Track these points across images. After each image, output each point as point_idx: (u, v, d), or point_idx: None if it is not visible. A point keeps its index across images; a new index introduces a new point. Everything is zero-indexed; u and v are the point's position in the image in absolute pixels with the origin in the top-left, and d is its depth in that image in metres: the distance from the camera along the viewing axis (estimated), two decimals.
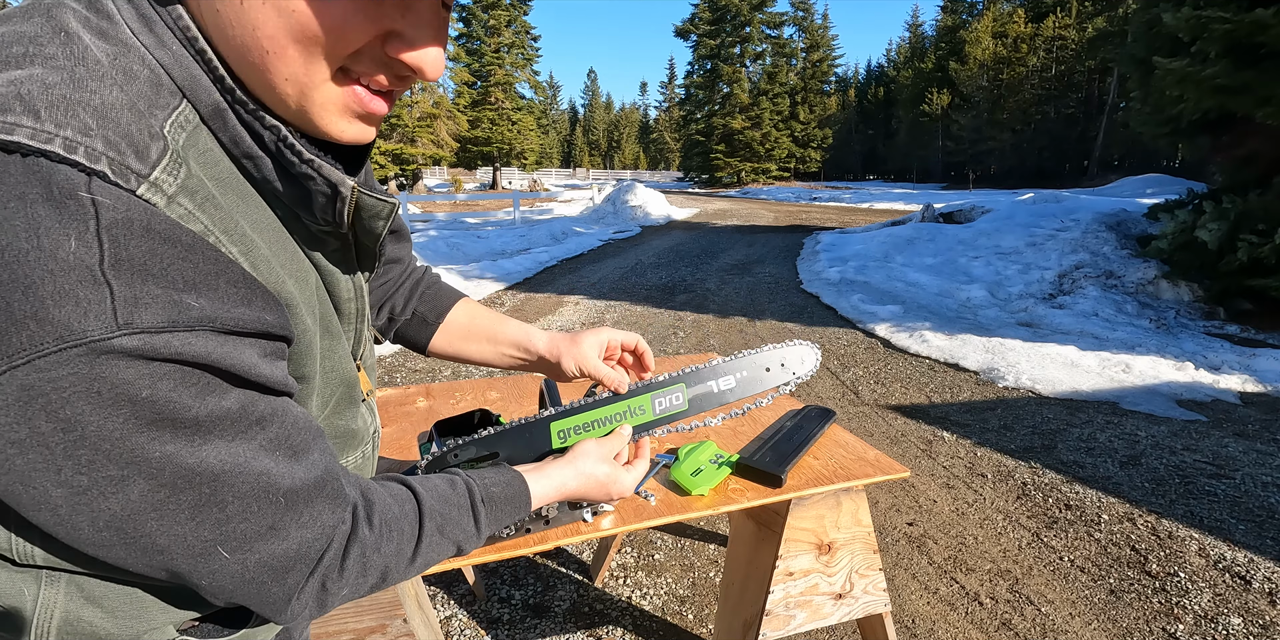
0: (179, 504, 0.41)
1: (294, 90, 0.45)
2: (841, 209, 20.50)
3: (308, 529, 0.48)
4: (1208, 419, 3.62)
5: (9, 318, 0.34)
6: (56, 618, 0.48)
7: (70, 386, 0.36)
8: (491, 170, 33.48)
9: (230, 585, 0.46)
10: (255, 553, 0.46)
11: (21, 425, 0.36)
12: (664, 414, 0.91)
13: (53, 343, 0.35)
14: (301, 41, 0.43)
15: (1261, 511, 2.65)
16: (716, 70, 40.32)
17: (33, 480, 0.38)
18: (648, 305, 6.67)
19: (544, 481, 0.75)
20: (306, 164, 0.47)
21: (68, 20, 0.40)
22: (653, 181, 53.90)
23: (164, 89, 0.42)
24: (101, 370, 0.36)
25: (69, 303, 0.35)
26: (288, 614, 0.50)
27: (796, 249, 10.75)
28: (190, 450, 0.41)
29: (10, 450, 0.36)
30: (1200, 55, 5.74)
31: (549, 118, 73.62)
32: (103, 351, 0.36)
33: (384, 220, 0.58)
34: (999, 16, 36.93)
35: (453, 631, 1.98)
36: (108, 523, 0.40)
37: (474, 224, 14.41)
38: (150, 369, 0.37)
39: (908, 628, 2.02)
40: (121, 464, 0.38)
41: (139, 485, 0.39)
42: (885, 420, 3.67)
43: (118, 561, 0.43)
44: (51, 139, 0.35)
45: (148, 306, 0.37)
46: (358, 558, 0.52)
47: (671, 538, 2.52)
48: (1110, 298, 6.10)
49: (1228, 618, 2.04)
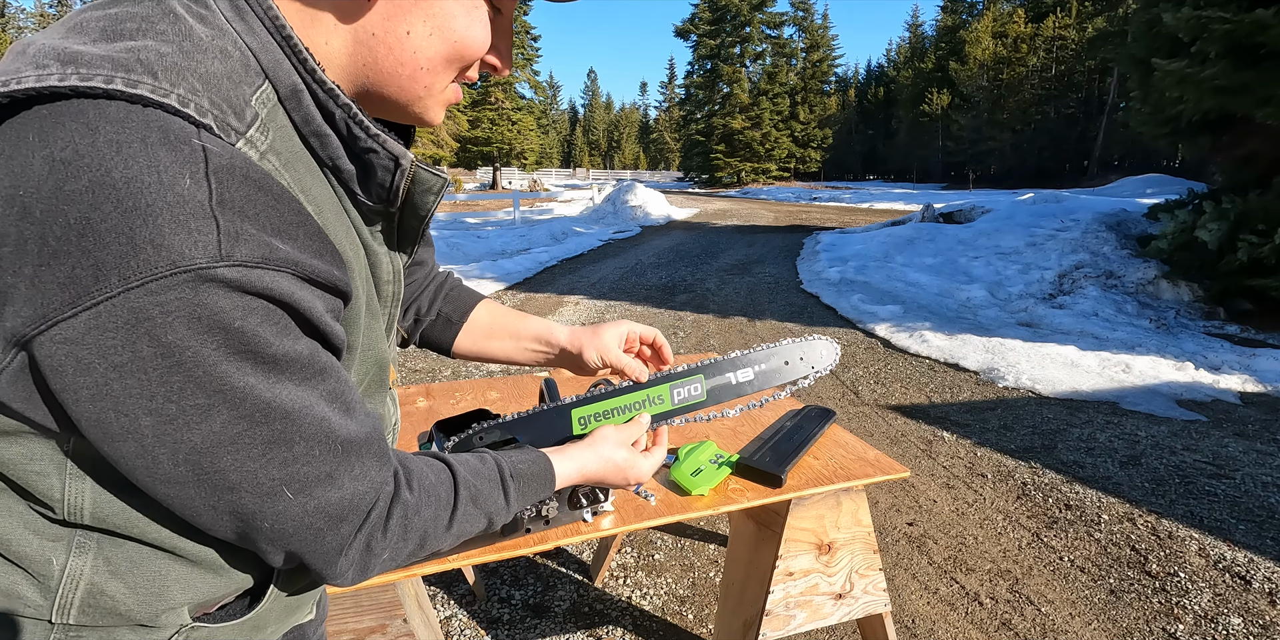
0: (253, 439, 0.44)
1: (424, 92, 0.56)
2: (841, 209, 20.50)
3: (359, 482, 0.51)
4: (1208, 419, 3.62)
5: (130, 241, 0.37)
6: (81, 590, 0.50)
7: (175, 311, 0.39)
8: (491, 170, 33.47)
9: (291, 528, 0.48)
10: (314, 498, 0.48)
11: (125, 349, 0.39)
12: (682, 404, 0.92)
13: (165, 267, 0.38)
14: (452, 60, 0.55)
15: (1261, 511, 2.65)
16: (716, 70, 40.32)
17: (126, 406, 0.40)
18: (648, 305, 6.67)
19: (567, 462, 0.78)
20: (373, 138, 0.52)
21: (174, 5, 0.46)
22: (653, 181, 53.90)
23: (251, 69, 0.47)
24: (203, 297, 0.39)
25: (183, 232, 0.38)
26: (337, 568, 0.52)
27: (796, 249, 10.75)
28: (267, 385, 0.44)
29: (110, 374, 0.39)
30: (1200, 55, 5.74)
31: (549, 118, 73.61)
32: (207, 279, 0.39)
33: (435, 195, 0.61)
34: (999, 16, 36.93)
35: (453, 631, 1.98)
36: (187, 456, 0.43)
37: (474, 224, 14.41)
38: (243, 301, 0.41)
39: (908, 628, 2.02)
40: (209, 392, 0.42)
41: (221, 415, 0.43)
42: (885, 420, 3.67)
43: (185, 504, 0.46)
44: (168, 94, 0.40)
45: (245, 243, 0.40)
46: (400, 519, 0.55)
47: (671, 538, 2.52)
48: (1110, 298, 6.10)
49: (1228, 618, 2.04)
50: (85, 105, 0.39)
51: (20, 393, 0.43)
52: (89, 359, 0.39)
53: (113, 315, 0.38)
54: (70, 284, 0.38)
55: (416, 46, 0.53)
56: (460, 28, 0.54)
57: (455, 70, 0.57)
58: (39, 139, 0.38)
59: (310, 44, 0.51)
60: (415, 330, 0.95)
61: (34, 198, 0.38)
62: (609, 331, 0.95)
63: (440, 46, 0.54)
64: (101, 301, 0.38)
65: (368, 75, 0.54)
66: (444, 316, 0.95)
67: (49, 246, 0.37)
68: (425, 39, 0.53)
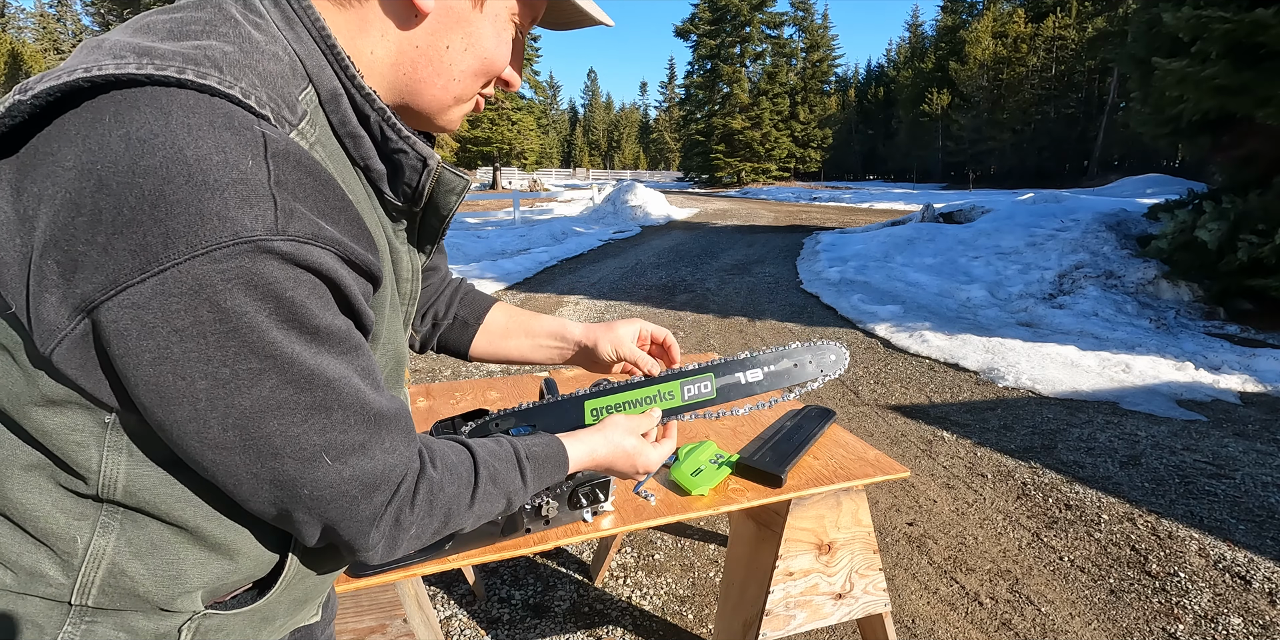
0: (297, 404, 0.47)
1: (452, 101, 0.62)
2: (841, 209, 20.50)
3: (390, 455, 0.54)
4: (1208, 419, 3.62)
5: (199, 213, 0.41)
6: (102, 569, 0.52)
7: (235, 278, 0.42)
8: (491, 170, 33.46)
9: (329, 495, 0.51)
10: (349, 466, 0.51)
11: (188, 313, 0.42)
12: (692, 400, 0.94)
13: (229, 237, 0.41)
14: (479, 74, 0.62)
15: (1261, 511, 2.65)
16: (716, 70, 40.30)
17: (185, 369, 0.43)
18: (648, 305, 6.67)
19: (578, 445, 0.79)
20: (404, 140, 0.57)
21: (233, 12, 0.51)
22: (653, 181, 53.88)
23: (298, 73, 0.52)
24: (260, 267, 0.43)
25: (245, 206, 0.42)
26: (369, 539, 0.55)
27: (796, 249, 10.75)
28: (311, 354, 0.47)
29: (172, 338, 0.43)
30: (1200, 55, 5.74)
31: (549, 118, 73.55)
32: (264, 250, 0.43)
33: (457, 195, 0.65)
34: (999, 16, 36.91)
35: (453, 631, 1.98)
36: (236, 420, 0.46)
37: (474, 224, 14.41)
38: (294, 273, 0.45)
39: (908, 628, 2.02)
40: (261, 356, 0.45)
41: (270, 380, 0.46)
42: (885, 420, 3.67)
43: (228, 472, 0.48)
44: (232, 86, 0.45)
45: (298, 220, 0.44)
46: (426, 494, 0.58)
47: (671, 538, 2.52)
48: (1110, 298, 6.10)
49: (1228, 618, 2.04)
50: (159, 92, 0.43)
51: (77, 360, 0.45)
52: (153, 323, 0.42)
53: (178, 281, 0.41)
54: (141, 251, 0.41)
55: (452, 60, 0.59)
56: (490, 46, 0.61)
57: (481, 84, 0.63)
58: (115, 120, 0.42)
59: (356, 52, 0.56)
60: (433, 335, 0.98)
61: (111, 172, 0.41)
62: (623, 327, 0.98)
63: (472, 61, 0.60)
64: (169, 267, 0.41)
65: (406, 84, 0.59)
66: (460, 319, 0.98)
67: (123, 216, 0.40)
68: (460, 53, 0.59)
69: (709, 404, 0.96)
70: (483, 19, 0.59)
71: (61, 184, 0.42)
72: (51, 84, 0.43)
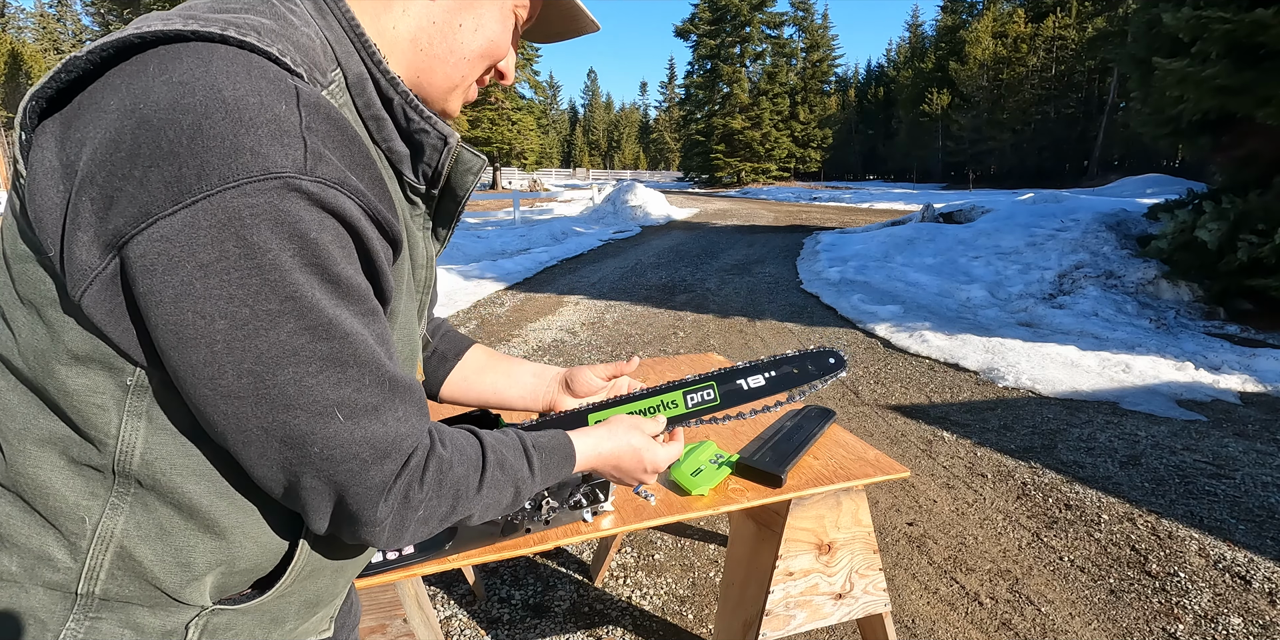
0: (312, 354, 0.47)
1: (460, 81, 0.65)
2: (841, 209, 20.50)
3: (402, 424, 0.53)
4: (1208, 419, 3.62)
5: (234, 147, 0.42)
6: (110, 551, 0.52)
7: (263, 213, 0.43)
8: (491, 170, 33.48)
9: (339, 455, 0.50)
10: (361, 427, 0.50)
11: (214, 247, 0.43)
12: (696, 407, 0.95)
13: (259, 172, 0.43)
14: (485, 56, 0.65)
15: (1261, 511, 2.65)
16: (716, 70, 40.29)
17: (204, 308, 0.44)
18: (648, 305, 6.67)
19: (585, 439, 0.79)
20: (425, 120, 0.59)
21: None
22: (653, 181, 53.87)
23: (327, 56, 0.55)
24: (288, 204, 0.44)
25: (277, 145, 0.44)
26: (378, 512, 0.53)
27: (796, 249, 10.75)
28: (331, 303, 0.48)
29: (196, 274, 0.43)
30: (1200, 56, 5.74)
31: (549, 118, 73.54)
32: (293, 187, 0.44)
33: (474, 175, 0.67)
34: (999, 16, 36.89)
35: (453, 631, 1.98)
36: (251, 366, 0.46)
37: (474, 224, 14.40)
38: (319, 216, 0.46)
39: (908, 628, 2.02)
40: (281, 297, 0.45)
41: (288, 324, 0.46)
42: (885, 420, 3.67)
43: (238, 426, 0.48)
44: (271, 45, 0.47)
45: (326, 164, 0.46)
46: (435, 472, 0.57)
47: (671, 538, 2.52)
48: (1110, 298, 6.10)
49: (1228, 618, 2.04)
50: (200, 45, 0.45)
51: (106, 304, 0.46)
52: (179, 257, 0.43)
53: (209, 213, 0.42)
54: (175, 182, 0.42)
55: (464, 39, 0.62)
56: (497, 30, 0.64)
57: (484, 67, 0.66)
58: (158, 68, 0.44)
59: (379, 29, 0.59)
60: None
61: (153, 109, 0.43)
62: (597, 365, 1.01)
63: (481, 42, 0.63)
64: (201, 199, 0.42)
65: (422, 61, 0.62)
66: (440, 353, 0.98)
67: (161, 149, 0.42)
68: (471, 33, 0.63)
69: (714, 409, 0.96)
70: (491, 3, 0.63)
71: (103, 125, 0.43)
72: (105, 41, 0.45)
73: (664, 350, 5.05)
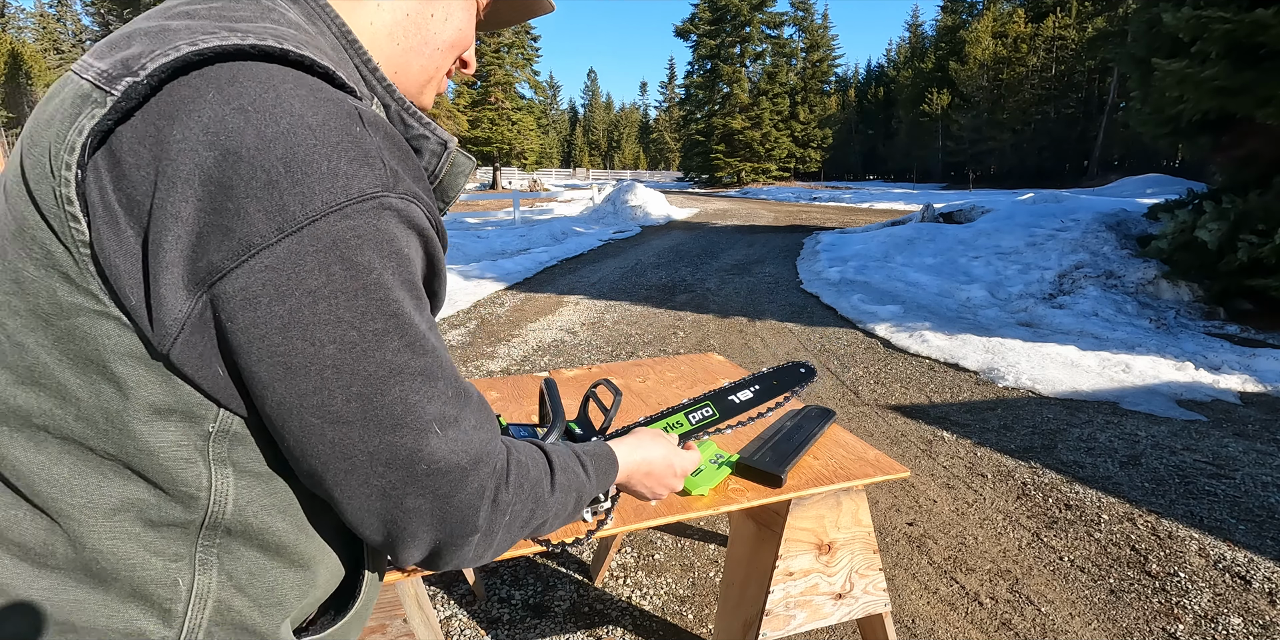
0: (413, 370, 0.47)
1: (435, 72, 0.65)
2: (841, 209, 20.50)
3: (482, 430, 0.53)
4: (1208, 419, 3.62)
5: (330, 172, 0.43)
6: (209, 608, 0.50)
7: (365, 234, 0.44)
8: (491, 170, 33.48)
9: (443, 468, 0.49)
10: (452, 439, 0.50)
11: (321, 272, 0.43)
12: (700, 423, 1.03)
13: (357, 194, 0.43)
14: (455, 46, 0.65)
15: (1261, 511, 2.65)
16: (716, 70, 40.29)
17: (314, 334, 0.43)
18: (648, 305, 6.67)
19: (620, 447, 0.79)
20: (424, 126, 0.58)
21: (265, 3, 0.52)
22: (653, 181, 53.86)
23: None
24: (384, 222, 0.45)
25: (364, 166, 0.44)
26: (479, 519, 0.52)
27: (796, 249, 10.75)
28: (420, 317, 0.48)
29: (305, 300, 0.43)
30: (1200, 56, 5.74)
31: (549, 118, 73.55)
32: (385, 206, 0.45)
33: (465, 177, 0.67)
34: (999, 16, 36.89)
35: (453, 631, 1.98)
36: (360, 389, 0.45)
37: (474, 224, 14.41)
38: (405, 231, 0.47)
39: (908, 628, 2.02)
40: (386, 315, 0.45)
41: (393, 342, 0.46)
42: (885, 420, 3.67)
43: (344, 454, 0.46)
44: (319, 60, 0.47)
45: (402, 180, 0.47)
46: (517, 475, 0.57)
47: (671, 538, 2.52)
48: (1110, 298, 6.10)
49: (1228, 618, 2.04)
50: (255, 67, 0.44)
51: (197, 348, 0.44)
52: (286, 285, 0.42)
53: (314, 239, 0.42)
54: (278, 211, 0.41)
55: (436, 29, 0.62)
56: (463, 19, 0.65)
57: (454, 57, 0.66)
58: (219, 96, 0.42)
59: (358, 27, 0.58)
60: None
61: (238, 142, 0.41)
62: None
63: (451, 32, 0.64)
64: (305, 225, 0.42)
65: (399, 54, 0.61)
66: None
67: (258, 180, 0.41)
68: (442, 23, 0.63)
69: (716, 422, 1.05)
70: None
71: (174, 159, 0.41)
72: (163, 61, 0.42)
73: (664, 350, 5.05)
